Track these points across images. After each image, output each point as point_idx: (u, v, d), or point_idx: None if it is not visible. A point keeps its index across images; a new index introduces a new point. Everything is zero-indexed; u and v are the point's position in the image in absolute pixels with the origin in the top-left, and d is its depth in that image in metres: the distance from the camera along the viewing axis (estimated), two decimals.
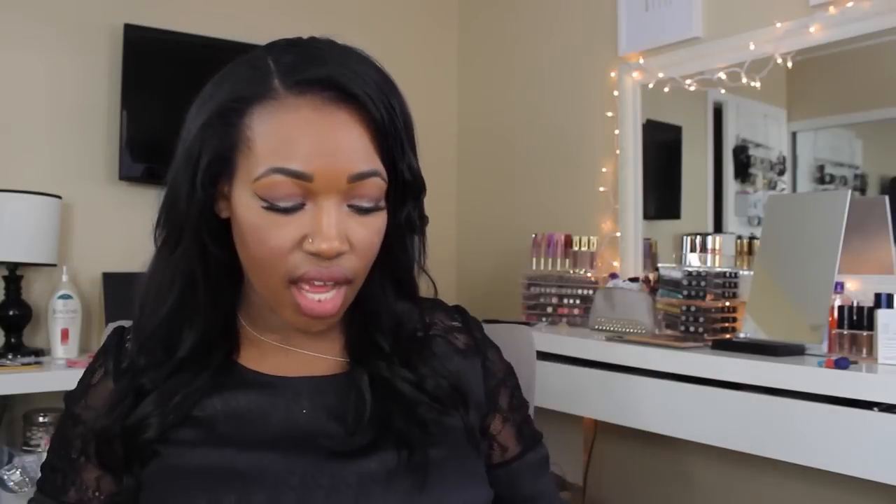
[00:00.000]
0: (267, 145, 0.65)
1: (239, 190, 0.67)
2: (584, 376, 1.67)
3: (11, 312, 1.97)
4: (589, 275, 2.05)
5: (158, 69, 2.21)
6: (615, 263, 2.13)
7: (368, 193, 0.67)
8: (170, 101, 2.15)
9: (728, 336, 1.62)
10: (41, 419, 1.92)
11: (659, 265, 1.95)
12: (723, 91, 1.90)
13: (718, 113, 2.01)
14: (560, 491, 2.12)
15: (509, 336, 1.07)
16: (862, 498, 1.55)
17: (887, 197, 1.60)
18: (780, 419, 1.31)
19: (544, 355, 1.69)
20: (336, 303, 0.69)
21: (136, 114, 2.18)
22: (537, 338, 1.16)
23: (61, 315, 1.99)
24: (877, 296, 1.40)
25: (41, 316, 2.08)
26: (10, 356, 1.92)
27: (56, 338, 1.99)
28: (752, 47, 1.80)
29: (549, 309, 2.07)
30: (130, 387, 0.73)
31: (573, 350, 1.72)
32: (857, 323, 1.44)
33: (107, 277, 2.11)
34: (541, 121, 2.45)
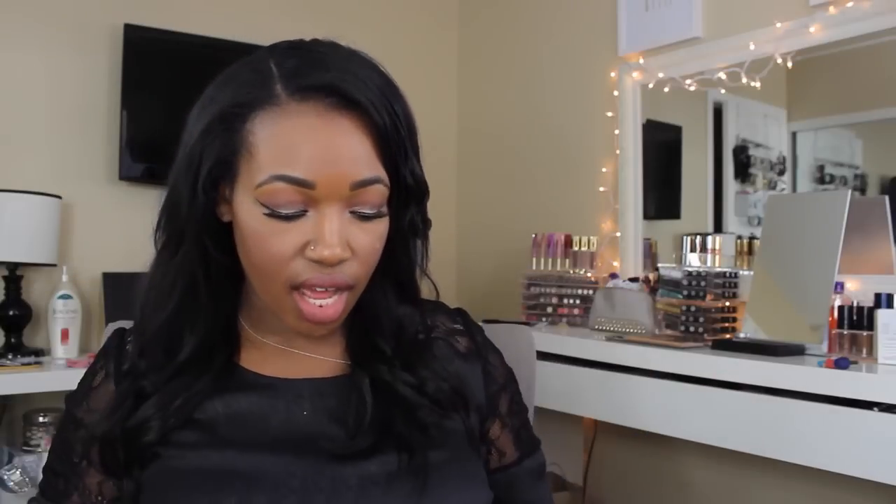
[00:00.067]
0: (269, 152, 0.65)
1: (240, 195, 0.67)
2: (584, 376, 1.67)
3: (11, 312, 1.97)
4: (589, 275, 2.05)
5: (158, 69, 2.21)
6: (615, 263, 2.13)
7: (371, 200, 0.67)
8: (170, 101, 2.16)
9: (728, 336, 1.62)
10: (41, 419, 1.93)
11: (659, 265, 1.95)
12: (723, 91, 1.90)
13: (718, 113, 2.01)
14: (560, 491, 2.13)
15: (509, 336, 1.07)
16: (862, 498, 1.55)
17: (887, 197, 1.60)
18: (780, 419, 1.31)
19: (544, 355, 1.69)
20: (338, 308, 0.69)
21: (136, 114, 2.18)
22: (537, 338, 1.16)
23: (61, 315, 1.99)
24: (877, 296, 1.40)
25: (41, 316, 2.08)
26: (10, 356, 1.92)
27: (56, 338, 1.99)
28: (752, 47, 1.80)
29: (549, 309, 2.07)
30: (131, 390, 0.73)
31: (573, 350, 1.72)
32: (857, 323, 1.44)
33: (107, 277, 2.11)
34: (541, 121, 2.45)
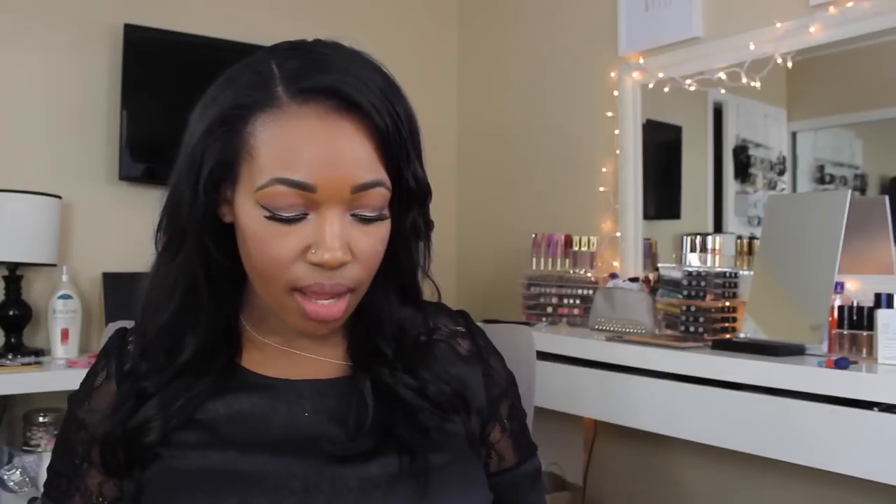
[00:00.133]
0: (269, 154, 0.64)
1: (241, 197, 0.67)
2: (584, 376, 1.67)
3: (11, 312, 1.97)
4: (589, 275, 2.05)
5: (158, 69, 2.21)
6: (615, 263, 2.13)
7: (372, 203, 0.67)
8: (170, 101, 2.16)
9: (728, 336, 1.62)
10: (41, 419, 1.93)
11: (659, 265, 1.95)
12: (723, 91, 1.90)
13: (718, 113, 2.01)
14: (560, 491, 2.13)
15: (509, 336, 1.07)
16: (862, 498, 1.55)
17: (887, 197, 1.60)
18: (780, 419, 1.31)
19: (544, 355, 1.69)
20: (340, 307, 0.69)
21: (136, 114, 2.18)
22: (537, 338, 1.15)
23: (61, 315, 1.99)
24: (877, 296, 1.40)
25: (41, 316, 2.08)
26: (10, 356, 1.92)
27: (56, 338, 1.99)
28: (752, 47, 1.80)
29: (549, 309, 2.07)
30: (132, 390, 0.73)
31: (573, 350, 1.72)
32: (857, 323, 1.44)
33: (107, 277, 2.11)
34: (541, 121, 2.45)
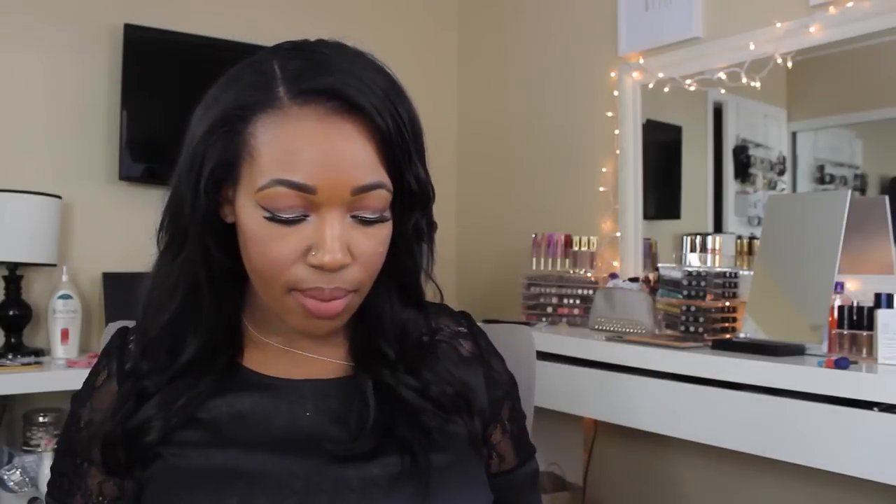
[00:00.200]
0: (270, 155, 0.64)
1: (242, 198, 0.67)
2: (584, 376, 1.67)
3: (11, 312, 1.97)
4: (589, 275, 2.05)
5: (158, 69, 2.21)
6: (615, 263, 2.13)
7: (373, 205, 0.66)
8: (170, 101, 2.16)
9: (728, 336, 1.62)
10: (41, 419, 1.93)
11: (659, 265, 1.95)
12: (723, 91, 1.90)
13: (718, 113, 2.01)
14: (560, 491, 2.13)
15: (509, 336, 1.07)
16: (862, 498, 1.55)
17: (887, 197, 1.60)
18: (780, 419, 1.31)
19: (544, 355, 1.70)
20: (341, 304, 0.68)
21: (136, 114, 2.18)
22: (537, 338, 1.16)
23: (61, 315, 1.99)
24: (877, 296, 1.40)
25: (41, 316, 2.08)
26: (10, 356, 1.92)
27: (56, 338, 1.99)
28: (752, 47, 1.80)
29: (549, 309, 2.07)
30: (133, 390, 0.73)
31: (573, 350, 1.72)
32: (857, 323, 1.44)
33: (107, 277, 2.11)
34: (541, 121, 2.45)
